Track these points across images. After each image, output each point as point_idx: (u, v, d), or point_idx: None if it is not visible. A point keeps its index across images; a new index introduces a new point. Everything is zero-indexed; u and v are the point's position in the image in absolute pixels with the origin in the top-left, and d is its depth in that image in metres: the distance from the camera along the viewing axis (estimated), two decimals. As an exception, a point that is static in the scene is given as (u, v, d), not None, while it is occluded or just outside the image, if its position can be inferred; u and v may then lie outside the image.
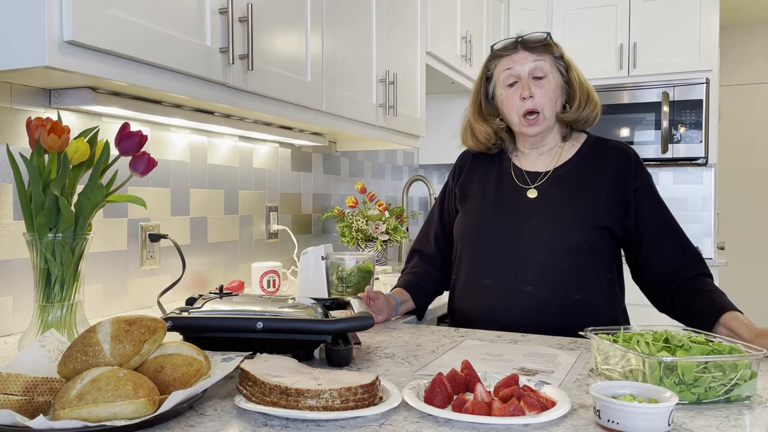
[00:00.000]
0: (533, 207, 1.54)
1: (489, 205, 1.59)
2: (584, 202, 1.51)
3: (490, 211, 1.58)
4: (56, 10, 1.08)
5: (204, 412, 0.89)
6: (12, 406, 0.81)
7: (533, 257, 1.49)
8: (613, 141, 1.61)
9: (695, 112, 3.47)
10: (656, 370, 0.93)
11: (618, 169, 1.53)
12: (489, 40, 3.45)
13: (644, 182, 1.54)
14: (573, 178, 1.55)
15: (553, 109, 1.54)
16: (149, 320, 0.92)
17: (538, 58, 1.52)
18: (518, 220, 1.53)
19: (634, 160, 1.55)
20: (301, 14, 1.78)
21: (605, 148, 1.59)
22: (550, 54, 1.54)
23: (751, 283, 5.07)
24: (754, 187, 5.09)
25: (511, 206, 1.56)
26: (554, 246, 1.48)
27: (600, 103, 1.60)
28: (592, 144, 1.60)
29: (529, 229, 1.51)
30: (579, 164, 1.57)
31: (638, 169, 1.54)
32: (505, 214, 1.55)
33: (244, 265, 2.18)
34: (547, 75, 1.52)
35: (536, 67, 1.52)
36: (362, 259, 1.63)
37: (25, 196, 1.16)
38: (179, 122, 1.73)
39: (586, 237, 1.48)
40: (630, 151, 1.57)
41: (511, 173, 1.61)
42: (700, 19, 3.52)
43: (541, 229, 1.50)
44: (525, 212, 1.54)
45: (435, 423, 0.85)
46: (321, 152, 2.68)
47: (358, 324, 1.12)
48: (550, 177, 1.56)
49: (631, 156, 1.56)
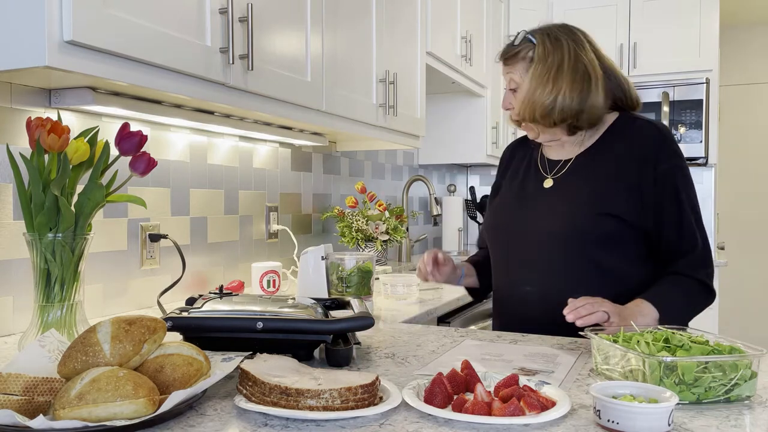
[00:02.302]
0: (545, 197, 1.49)
1: (510, 198, 1.58)
2: (594, 188, 1.41)
3: (508, 204, 1.57)
4: (56, 10, 1.08)
5: (204, 412, 0.89)
6: (12, 406, 0.81)
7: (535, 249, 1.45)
8: (642, 119, 1.46)
9: (695, 112, 3.47)
10: (656, 370, 0.93)
11: (638, 154, 1.40)
12: (489, 40, 3.45)
13: (665, 170, 1.38)
14: (589, 166, 1.46)
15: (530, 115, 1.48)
16: (149, 320, 0.92)
17: (510, 70, 1.50)
18: (530, 210, 1.50)
19: (658, 142, 1.39)
20: (301, 14, 1.78)
21: (629, 129, 1.45)
22: (522, 61, 1.48)
23: (751, 283, 5.07)
24: (754, 187, 5.09)
25: (527, 198, 1.53)
26: (554, 237, 1.42)
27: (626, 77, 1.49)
28: (617, 126, 1.47)
29: (533, 217, 1.48)
30: (599, 150, 1.47)
31: (661, 153, 1.38)
32: (521, 206, 1.53)
33: (244, 265, 2.18)
34: (518, 86, 1.48)
35: (509, 80, 1.51)
36: (362, 259, 1.63)
37: (25, 196, 1.16)
38: (179, 122, 1.73)
39: (590, 225, 1.38)
40: (654, 131, 1.41)
41: (538, 163, 1.57)
42: (700, 19, 3.52)
43: (543, 218, 1.45)
44: (537, 203, 1.50)
45: (435, 423, 0.85)
46: (321, 152, 2.68)
47: (358, 324, 1.12)
48: (570, 166, 1.49)
49: (653, 137, 1.40)
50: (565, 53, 1.44)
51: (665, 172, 1.37)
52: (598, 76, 1.44)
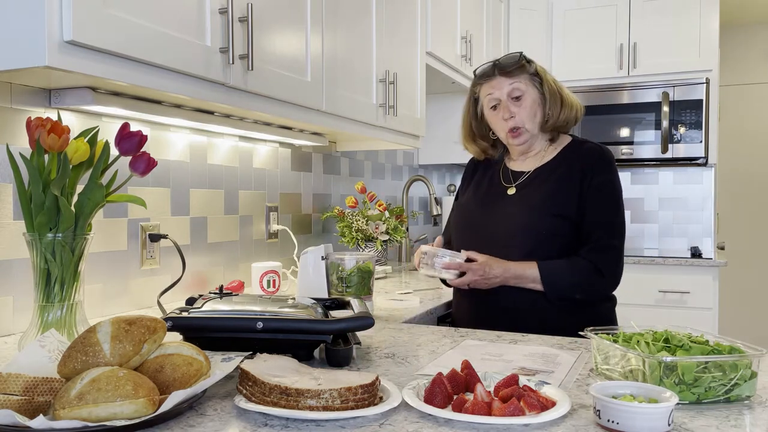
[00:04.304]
0: (508, 201, 1.72)
1: (474, 201, 1.79)
2: (548, 194, 1.66)
3: (473, 206, 1.78)
4: (56, 10, 1.08)
5: (204, 412, 0.89)
6: (12, 406, 0.81)
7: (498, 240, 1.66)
8: (591, 144, 1.74)
9: (695, 112, 3.47)
10: (656, 370, 0.93)
11: (584, 167, 1.67)
12: (489, 40, 3.45)
13: (601, 180, 1.65)
14: (547, 176, 1.70)
15: (534, 121, 1.71)
16: (149, 320, 0.92)
17: (514, 80, 1.69)
18: (493, 211, 1.72)
19: (599, 159, 1.68)
20: (301, 14, 1.78)
21: (581, 150, 1.72)
22: (526, 73, 1.70)
23: (751, 283, 5.07)
24: (754, 187, 5.09)
25: (491, 202, 1.75)
26: (517, 231, 1.65)
27: (580, 106, 1.75)
28: (572, 146, 1.75)
29: (497, 218, 1.70)
30: (557, 164, 1.72)
31: (597, 169, 1.66)
32: (485, 207, 1.75)
33: (244, 265, 2.18)
34: (523, 93, 1.69)
35: (513, 89, 1.69)
36: (362, 259, 1.63)
37: (25, 196, 1.16)
38: (179, 122, 1.73)
39: (545, 224, 1.63)
40: (598, 152, 1.69)
41: (499, 174, 1.80)
42: (700, 19, 3.52)
43: (507, 219, 1.67)
44: (500, 205, 1.72)
45: (435, 423, 0.85)
46: (321, 152, 2.68)
47: (358, 324, 1.12)
48: (530, 176, 1.73)
49: (596, 155, 1.69)
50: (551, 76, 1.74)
51: (598, 184, 1.65)
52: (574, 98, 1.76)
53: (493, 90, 1.71)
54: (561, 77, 3.75)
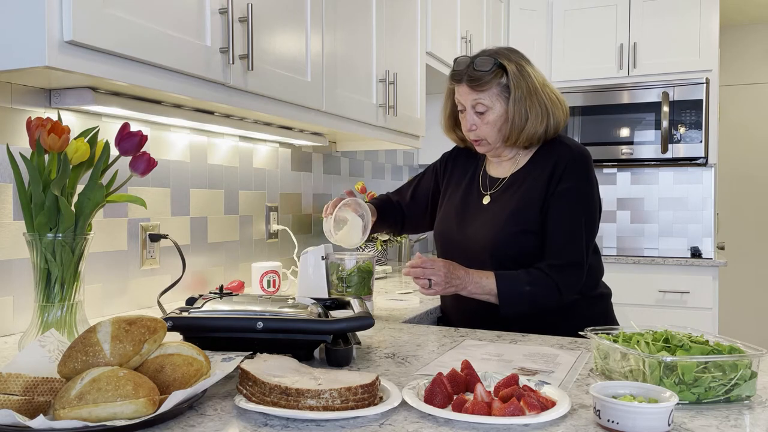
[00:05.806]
0: (482, 213, 1.66)
1: (453, 210, 1.73)
2: (516, 208, 1.59)
3: (452, 217, 1.72)
4: (56, 10, 1.08)
5: (204, 412, 0.89)
6: (12, 406, 0.81)
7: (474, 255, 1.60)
8: (565, 143, 1.63)
9: (695, 112, 3.47)
10: (656, 370, 0.93)
11: (551, 173, 1.58)
12: (489, 40, 3.45)
13: (566, 187, 1.56)
14: (520, 185, 1.63)
15: (497, 135, 1.61)
16: (149, 320, 0.92)
17: (479, 95, 1.58)
18: (469, 222, 1.67)
19: (570, 163, 1.57)
20: (301, 14, 1.78)
21: (552, 151, 1.62)
22: (495, 86, 1.57)
23: (751, 283, 5.07)
24: (754, 187, 5.09)
25: (468, 212, 1.70)
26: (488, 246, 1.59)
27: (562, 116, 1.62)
28: (547, 147, 1.64)
29: (469, 232, 1.65)
30: (529, 169, 1.64)
31: (566, 174, 1.56)
32: (462, 219, 1.69)
33: (244, 265, 2.18)
34: (488, 109, 1.59)
35: (476, 103, 1.59)
36: (362, 259, 1.63)
37: (25, 196, 1.16)
38: (179, 122, 1.73)
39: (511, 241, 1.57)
40: (569, 156, 1.58)
41: (479, 179, 1.74)
42: (700, 19, 3.52)
43: (478, 233, 1.63)
44: (475, 218, 1.67)
45: (435, 423, 0.85)
46: (321, 152, 2.68)
47: (358, 324, 1.12)
48: (505, 183, 1.67)
49: (566, 159, 1.58)
50: (533, 79, 1.59)
51: (562, 191, 1.56)
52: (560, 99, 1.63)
53: (459, 95, 1.63)
54: (561, 77, 3.76)
